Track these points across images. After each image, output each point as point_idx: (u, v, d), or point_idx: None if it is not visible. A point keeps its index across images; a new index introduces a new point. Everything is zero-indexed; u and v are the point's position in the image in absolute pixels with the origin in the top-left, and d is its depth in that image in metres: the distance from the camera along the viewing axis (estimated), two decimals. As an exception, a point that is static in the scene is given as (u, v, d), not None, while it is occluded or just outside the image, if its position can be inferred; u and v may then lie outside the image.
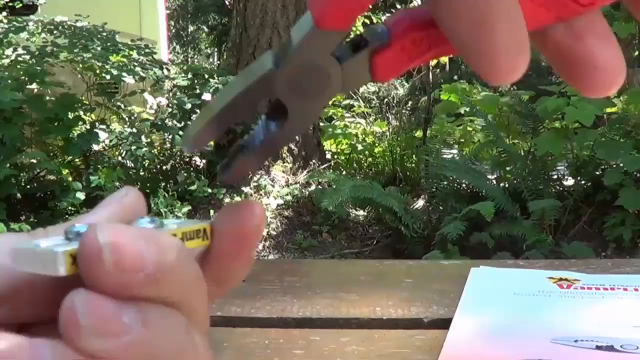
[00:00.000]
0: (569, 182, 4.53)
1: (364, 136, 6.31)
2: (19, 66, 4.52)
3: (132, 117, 5.00)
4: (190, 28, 14.32)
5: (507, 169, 4.61)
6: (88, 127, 4.63)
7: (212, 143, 5.26)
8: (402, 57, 0.27)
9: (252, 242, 0.28)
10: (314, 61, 0.27)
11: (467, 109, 5.45)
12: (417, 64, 0.27)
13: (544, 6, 0.26)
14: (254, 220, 0.28)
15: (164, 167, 5.12)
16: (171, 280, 0.24)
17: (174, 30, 13.81)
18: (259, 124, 0.29)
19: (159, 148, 5.08)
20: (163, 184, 4.78)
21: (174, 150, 5.18)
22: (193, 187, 4.77)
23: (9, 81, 4.26)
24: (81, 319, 0.22)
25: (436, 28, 0.26)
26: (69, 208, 4.17)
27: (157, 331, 0.23)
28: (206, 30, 14.13)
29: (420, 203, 4.66)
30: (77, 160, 4.74)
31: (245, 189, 4.97)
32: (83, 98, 4.72)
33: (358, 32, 0.27)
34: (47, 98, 4.41)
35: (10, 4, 5.39)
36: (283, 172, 5.22)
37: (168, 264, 0.24)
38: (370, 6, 0.26)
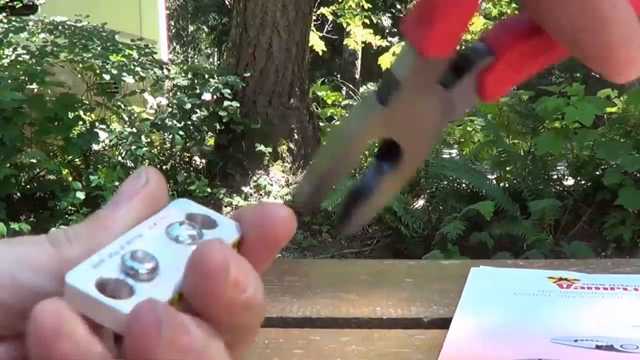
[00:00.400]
0: (569, 182, 4.53)
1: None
2: (19, 66, 4.52)
3: (132, 117, 5.00)
4: (190, 28, 14.32)
5: (507, 168, 4.61)
6: (88, 126, 4.63)
7: (212, 143, 5.27)
8: (510, 72, 0.26)
9: (279, 248, 0.27)
10: (422, 93, 0.26)
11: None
12: (526, 75, 0.27)
13: None
14: (286, 229, 0.26)
15: (163, 167, 5.12)
16: (258, 306, 0.25)
17: (174, 30, 13.81)
18: (369, 167, 0.28)
19: (159, 148, 5.08)
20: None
21: (173, 150, 5.18)
22: (193, 187, 4.78)
23: (9, 81, 4.26)
24: (163, 330, 0.22)
25: (540, 35, 0.25)
26: (69, 208, 4.17)
27: (215, 351, 0.24)
28: (206, 30, 14.13)
29: (420, 203, 4.66)
30: (77, 160, 4.74)
31: (245, 189, 4.97)
32: (83, 98, 4.72)
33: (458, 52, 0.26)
34: (47, 98, 4.41)
35: (10, 4, 5.39)
36: (283, 172, 5.22)
37: (260, 288, 0.25)
38: (370, 5, 0.26)
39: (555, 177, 4.56)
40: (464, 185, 4.53)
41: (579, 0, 0.24)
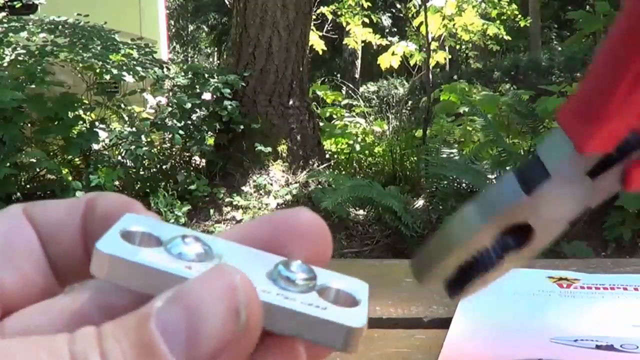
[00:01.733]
0: (569, 181, 4.53)
1: (363, 136, 6.31)
2: (19, 66, 4.52)
3: (132, 117, 5.00)
4: (190, 27, 14.32)
5: (507, 168, 4.61)
6: (88, 126, 4.63)
7: (211, 142, 5.27)
8: None
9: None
10: (569, 183, 0.25)
11: (467, 109, 5.45)
12: None
13: None
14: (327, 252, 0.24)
15: (163, 167, 5.12)
16: None
17: (174, 30, 13.81)
18: (492, 239, 0.27)
19: (158, 147, 5.08)
20: (163, 183, 4.78)
21: (173, 149, 5.18)
22: (193, 187, 4.78)
23: (9, 81, 4.26)
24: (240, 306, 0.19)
25: None
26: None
27: None
28: (206, 29, 14.13)
29: (420, 202, 4.66)
30: (77, 159, 4.74)
31: (245, 189, 4.97)
32: (83, 97, 4.72)
33: None
34: (47, 97, 4.41)
35: (10, 3, 5.39)
36: (283, 171, 5.21)
37: None
38: (370, 4, 0.25)
39: (555, 176, 4.56)
40: (464, 185, 4.53)
41: None
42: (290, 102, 5.31)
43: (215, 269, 0.20)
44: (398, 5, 11.75)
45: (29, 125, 4.43)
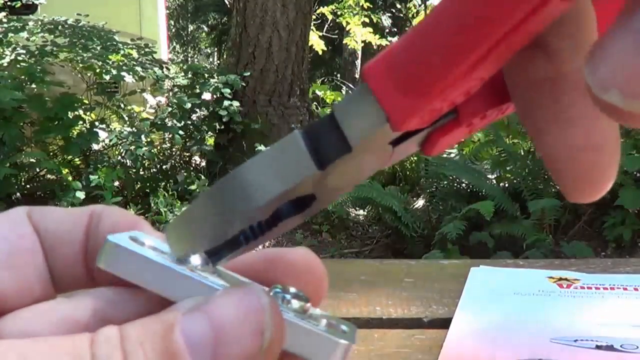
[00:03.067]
0: (569, 181, 4.53)
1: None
2: (18, 66, 4.52)
3: (132, 117, 5.00)
4: (190, 27, 14.32)
5: (507, 168, 4.61)
6: (88, 126, 4.63)
7: (211, 142, 5.27)
8: (465, 132, 0.23)
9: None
10: (370, 153, 0.22)
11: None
12: (476, 132, 0.24)
13: None
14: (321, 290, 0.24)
15: (163, 167, 5.12)
16: None
17: (173, 30, 13.81)
18: None
19: (158, 147, 5.08)
20: (163, 183, 4.78)
21: (173, 149, 5.18)
22: (193, 187, 4.78)
23: (9, 80, 4.26)
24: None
25: (502, 97, 0.22)
26: (69, 207, 4.17)
27: None
28: (206, 29, 14.13)
29: (420, 202, 4.66)
30: (77, 159, 4.74)
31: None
32: (83, 97, 4.72)
33: None
34: (47, 97, 4.41)
35: (10, 3, 5.39)
36: (283, 171, 5.22)
37: None
38: (370, 5, 0.24)
39: (555, 176, 4.55)
40: (464, 185, 4.53)
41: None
42: (290, 102, 5.31)
43: (243, 287, 0.20)
44: (398, 5, 11.76)
45: (29, 125, 4.43)
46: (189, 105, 4.89)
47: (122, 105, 4.97)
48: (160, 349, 0.18)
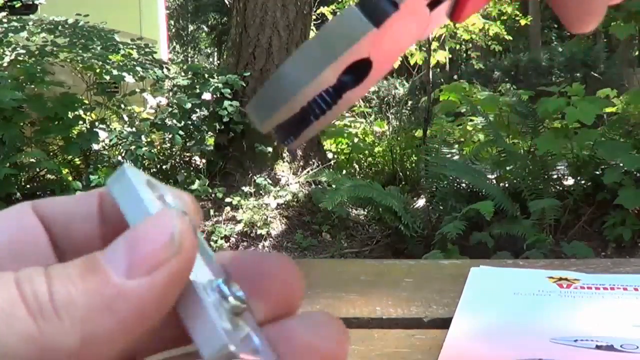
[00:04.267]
0: (569, 181, 4.53)
1: (364, 136, 6.31)
2: (19, 66, 4.52)
3: (132, 117, 5.00)
4: (190, 27, 14.32)
5: (507, 168, 4.61)
6: (88, 126, 4.63)
7: (211, 142, 5.27)
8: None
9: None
10: (412, 14, 0.25)
11: (467, 109, 5.45)
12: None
13: None
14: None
15: (163, 167, 5.12)
16: None
17: (173, 30, 13.81)
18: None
19: (158, 148, 5.08)
20: (163, 183, 4.77)
21: (173, 149, 5.18)
22: (193, 187, 4.78)
23: (9, 80, 4.26)
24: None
25: None
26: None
27: None
28: (206, 29, 14.13)
29: (420, 202, 4.66)
30: (77, 159, 4.74)
31: (245, 189, 4.97)
32: (83, 97, 4.72)
33: None
34: (47, 97, 4.41)
35: (10, 3, 5.39)
36: (283, 171, 5.22)
37: None
38: None
39: (555, 176, 4.56)
40: (464, 185, 4.53)
41: None
42: (290, 102, 5.31)
43: (159, 212, 0.21)
44: (398, 5, 11.74)
45: (29, 125, 4.43)
46: (189, 105, 4.89)
47: (122, 106, 4.97)
48: (81, 265, 0.20)
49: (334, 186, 4.59)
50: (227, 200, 4.83)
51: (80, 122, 4.57)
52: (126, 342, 0.19)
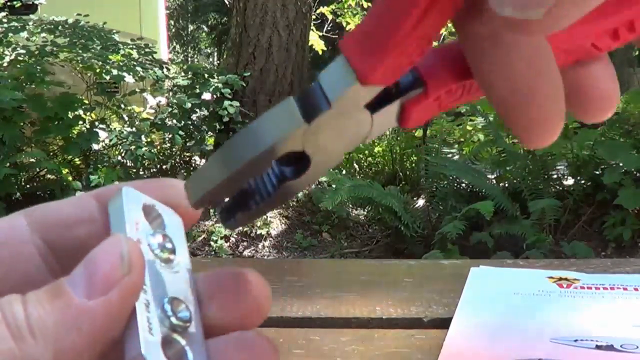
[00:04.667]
0: (569, 181, 4.53)
1: (363, 136, 6.31)
2: (19, 66, 4.52)
3: (132, 117, 5.00)
4: (190, 27, 14.32)
5: (507, 168, 4.61)
6: (88, 126, 4.63)
7: (211, 142, 5.27)
8: (435, 106, 0.26)
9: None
10: (348, 114, 0.25)
11: (467, 109, 5.45)
12: (447, 109, 0.27)
13: (566, 52, 0.26)
14: (257, 311, 0.28)
15: (163, 167, 5.12)
16: None
17: (173, 30, 13.81)
18: (269, 170, 0.27)
19: (158, 148, 5.08)
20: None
21: (173, 149, 5.18)
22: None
23: (9, 80, 4.26)
24: None
25: (472, 77, 0.25)
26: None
27: None
28: (206, 29, 14.12)
29: (420, 202, 4.66)
30: (77, 159, 4.74)
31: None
32: (83, 97, 4.71)
33: None
34: (47, 97, 4.41)
35: (10, 3, 5.39)
36: (283, 171, 5.21)
37: None
38: (370, 4, 0.26)
39: (555, 176, 4.56)
40: (464, 185, 4.53)
41: (509, 80, 0.24)
42: (290, 102, 5.31)
43: (109, 237, 0.25)
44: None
45: (29, 125, 4.43)
46: (189, 105, 4.89)
47: (122, 105, 4.97)
48: (48, 289, 0.23)
49: (334, 186, 4.59)
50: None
51: (80, 122, 4.57)
52: (93, 354, 0.23)
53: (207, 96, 4.98)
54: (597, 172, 4.32)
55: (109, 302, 0.23)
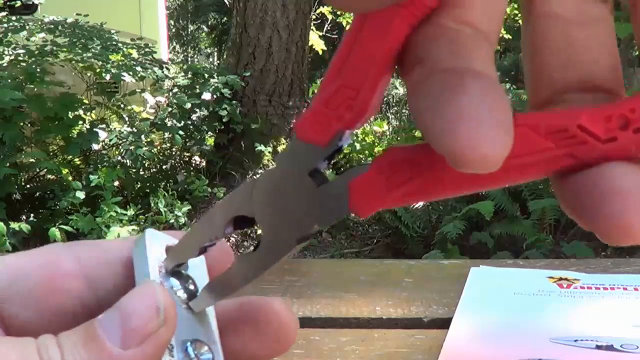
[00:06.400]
0: (569, 181, 4.53)
1: (363, 136, 6.31)
2: (18, 66, 4.51)
3: (132, 117, 5.00)
4: (190, 27, 14.32)
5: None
6: (88, 126, 4.62)
7: (211, 142, 5.26)
8: (380, 183, 0.23)
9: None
10: (291, 178, 0.24)
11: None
12: (398, 196, 0.23)
13: (552, 140, 0.20)
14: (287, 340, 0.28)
15: (163, 167, 5.12)
16: None
17: (173, 30, 13.80)
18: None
19: (158, 147, 5.08)
20: (163, 183, 4.77)
21: (173, 149, 5.18)
22: (193, 187, 4.77)
23: (9, 80, 4.26)
24: None
25: (421, 152, 0.22)
26: (69, 207, 4.17)
27: None
28: (206, 29, 14.12)
29: (420, 203, 4.66)
30: (77, 159, 4.74)
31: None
32: (83, 97, 4.71)
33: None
34: (47, 97, 4.41)
35: (10, 3, 5.39)
36: (283, 171, 5.21)
37: None
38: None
39: (555, 176, 4.55)
40: (463, 184, 4.53)
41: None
42: (290, 102, 5.31)
43: (143, 284, 0.25)
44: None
45: (29, 125, 4.43)
46: (189, 105, 4.89)
47: (122, 105, 4.97)
48: (83, 336, 0.23)
49: (334, 186, 4.59)
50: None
51: (80, 122, 4.57)
52: None
53: (207, 96, 4.98)
54: (597, 172, 4.32)
55: (144, 352, 0.23)
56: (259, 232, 0.27)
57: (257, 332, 0.27)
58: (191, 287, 0.28)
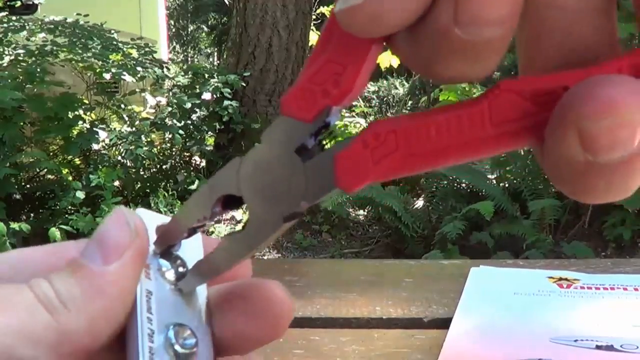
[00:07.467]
0: (569, 181, 4.52)
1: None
2: (18, 66, 4.51)
3: (132, 117, 5.00)
4: (190, 27, 14.32)
5: (507, 168, 4.61)
6: (88, 126, 4.62)
7: (211, 142, 5.26)
8: (366, 156, 0.23)
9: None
10: (277, 154, 0.24)
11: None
12: (383, 169, 0.22)
13: (539, 104, 0.21)
14: (282, 317, 0.29)
15: (163, 167, 5.12)
16: None
17: (173, 30, 13.80)
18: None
19: (158, 147, 5.08)
20: (163, 183, 4.77)
21: (173, 149, 5.18)
22: (193, 187, 4.77)
23: (9, 80, 4.25)
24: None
25: (406, 123, 0.22)
26: (69, 207, 4.17)
27: None
28: (206, 29, 14.12)
29: (420, 202, 4.66)
30: (77, 159, 4.74)
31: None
32: (83, 97, 4.71)
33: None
34: (47, 97, 4.41)
35: (10, 3, 5.39)
36: (283, 171, 5.21)
37: None
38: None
39: (555, 176, 4.55)
40: (463, 185, 4.53)
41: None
42: (290, 102, 5.31)
43: (116, 209, 0.27)
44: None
45: (29, 125, 4.43)
46: (189, 105, 4.89)
47: (122, 105, 4.97)
48: (68, 266, 0.25)
49: (334, 186, 4.59)
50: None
51: (80, 122, 4.57)
52: (119, 318, 0.25)
53: (207, 96, 4.98)
54: (597, 172, 4.32)
55: (125, 264, 0.25)
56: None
57: (251, 313, 0.28)
58: (180, 268, 0.28)
